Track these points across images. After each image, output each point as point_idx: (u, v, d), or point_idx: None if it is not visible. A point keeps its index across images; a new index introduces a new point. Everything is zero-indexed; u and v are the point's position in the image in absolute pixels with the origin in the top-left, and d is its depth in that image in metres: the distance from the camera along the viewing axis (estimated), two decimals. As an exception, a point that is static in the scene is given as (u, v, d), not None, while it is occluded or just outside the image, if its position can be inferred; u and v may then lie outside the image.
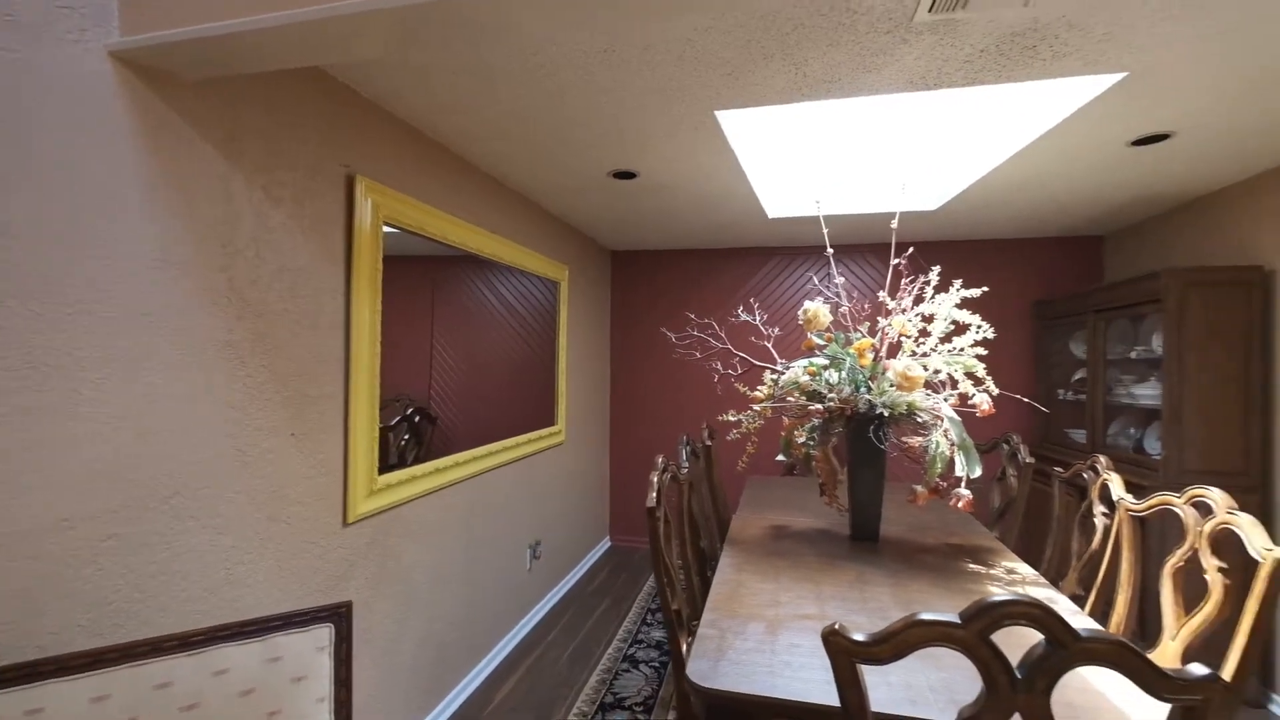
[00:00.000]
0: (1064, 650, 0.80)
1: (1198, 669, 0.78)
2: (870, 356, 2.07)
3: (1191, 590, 1.53)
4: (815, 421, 2.26)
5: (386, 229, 2.02)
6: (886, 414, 2.04)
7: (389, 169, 2.06)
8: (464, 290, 2.60)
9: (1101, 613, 1.83)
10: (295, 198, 1.65)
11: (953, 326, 2.17)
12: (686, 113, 1.99)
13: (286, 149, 1.62)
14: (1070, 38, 1.52)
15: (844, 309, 2.32)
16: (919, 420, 2.09)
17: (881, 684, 1.23)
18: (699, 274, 4.47)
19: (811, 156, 2.47)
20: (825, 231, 2.46)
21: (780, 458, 2.38)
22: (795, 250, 4.32)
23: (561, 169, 2.62)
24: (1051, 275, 3.96)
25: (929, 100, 1.91)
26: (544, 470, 3.40)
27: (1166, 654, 1.53)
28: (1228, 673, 1.34)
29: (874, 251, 4.21)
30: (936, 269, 2.22)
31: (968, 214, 3.35)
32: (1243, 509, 2.56)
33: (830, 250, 2.37)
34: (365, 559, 1.96)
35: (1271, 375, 2.53)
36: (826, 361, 2.18)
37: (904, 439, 2.09)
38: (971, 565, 1.96)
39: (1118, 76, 1.72)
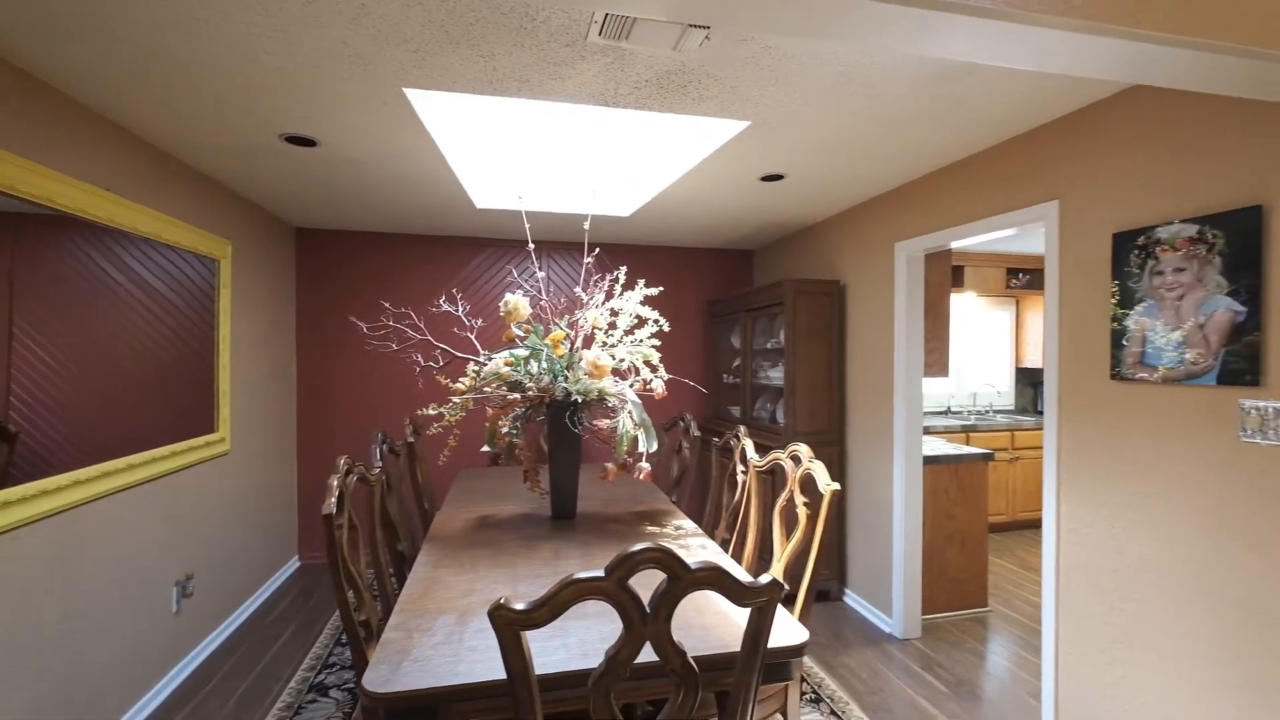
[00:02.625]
0: (679, 582, 0.98)
1: (764, 579, 1.04)
2: (565, 348, 2.21)
3: (791, 522, 2.02)
4: (518, 411, 2.33)
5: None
6: (580, 400, 2.22)
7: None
8: (71, 265, 1.97)
9: (740, 548, 2.29)
10: None
11: (636, 320, 2.46)
12: (372, 85, 1.84)
13: None
14: (710, 85, 1.85)
15: (544, 302, 2.45)
16: (608, 404, 2.32)
17: (561, 646, 1.33)
18: (407, 260, 4.19)
19: (519, 153, 2.53)
20: (528, 226, 2.56)
21: (486, 448, 2.39)
22: (506, 243, 4.37)
23: (218, 124, 2.17)
24: (720, 279, 4.80)
25: (619, 117, 2.13)
26: (199, 487, 2.80)
27: (776, 571, 2.00)
28: (807, 572, 1.83)
29: (580, 250, 4.52)
30: (623, 269, 2.48)
31: (655, 222, 3.84)
32: (828, 458, 3.49)
33: (531, 245, 2.47)
34: None
35: (845, 361, 3.51)
36: (527, 352, 2.27)
37: (595, 422, 2.31)
38: (650, 527, 2.27)
39: (744, 124, 2.16)
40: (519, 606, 0.92)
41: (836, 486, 1.81)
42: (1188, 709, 1.73)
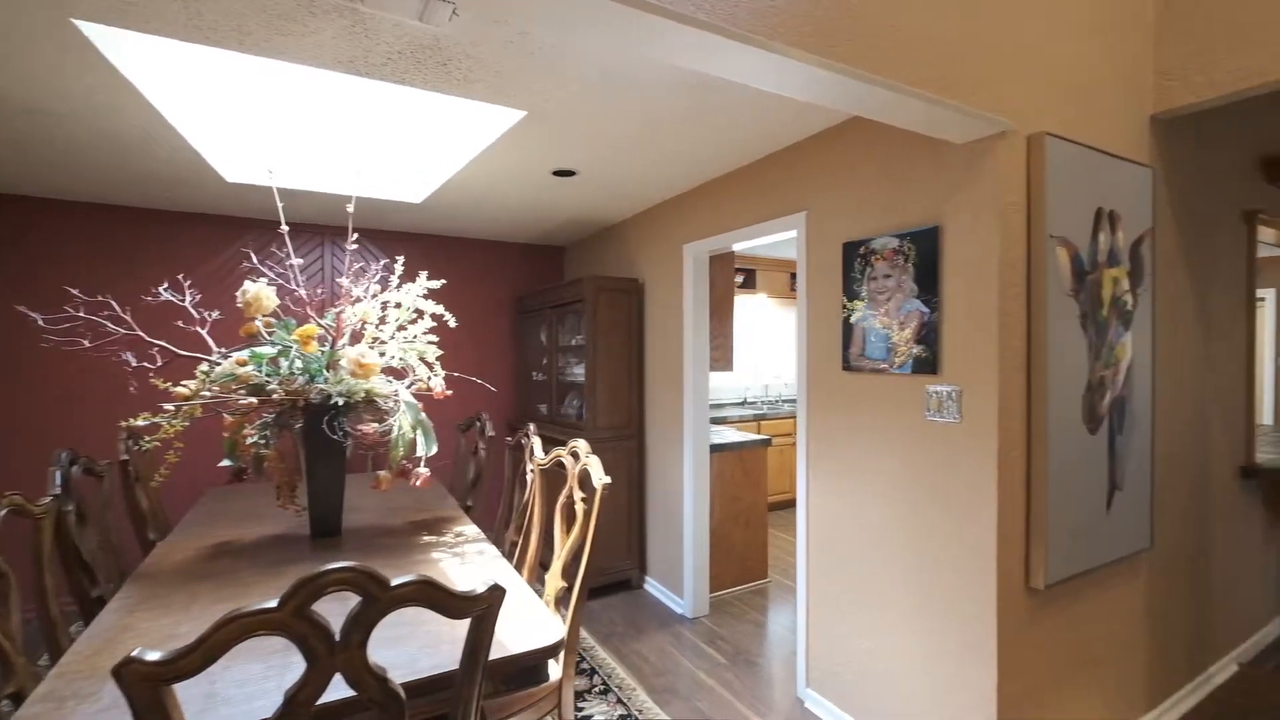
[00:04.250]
0: (377, 602, 0.88)
1: (481, 586, 0.98)
2: (317, 344, 1.97)
3: (572, 519, 2.02)
4: (267, 417, 2.03)
5: None
6: (344, 403, 1.99)
7: None
8: None
9: (525, 549, 2.24)
10: None
11: (416, 315, 2.28)
12: (29, 9, 1.45)
13: None
14: (474, 67, 1.76)
15: (301, 293, 2.16)
16: (381, 407, 2.12)
17: (275, 689, 1.15)
18: (143, 238, 3.47)
19: (281, 123, 2.19)
20: (280, 205, 2.23)
21: (226, 462, 2.05)
22: (264, 225, 3.83)
23: None
24: (531, 275, 4.71)
25: (395, 95, 1.94)
26: None
27: (554, 572, 1.97)
28: (581, 568, 1.83)
29: (382, 238, 4.13)
30: (400, 258, 2.28)
31: (452, 212, 3.63)
32: (628, 451, 3.59)
33: (285, 227, 2.16)
34: None
35: (644, 357, 3.64)
36: (274, 350, 1.98)
37: (360, 427, 2.09)
38: (426, 537, 2.11)
39: (521, 113, 2.10)
40: (153, 658, 0.76)
41: (608, 480, 1.84)
42: (889, 647, 2.05)
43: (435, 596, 0.93)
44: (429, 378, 2.17)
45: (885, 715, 2.09)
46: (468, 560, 1.87)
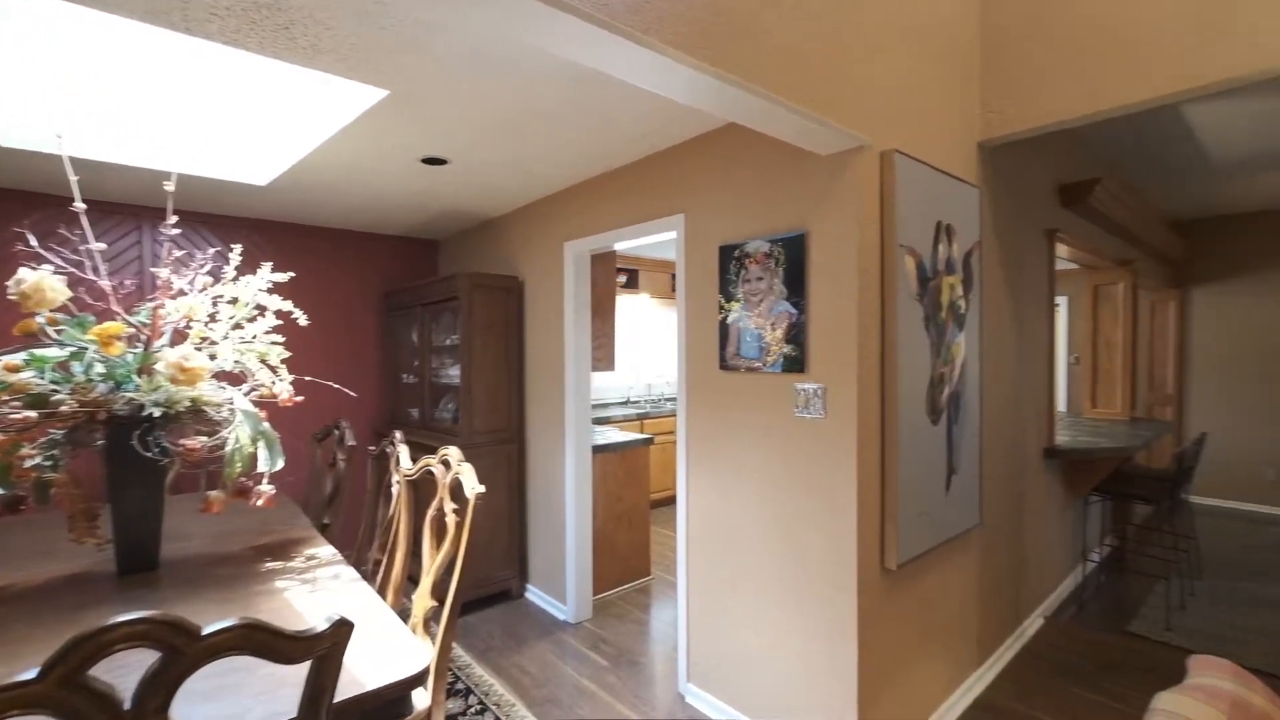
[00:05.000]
0: (183, 657, 0.74)
1: (323, 623, 0.86)
2: (123, 345, 1.66)
3: (443, 532, 1.87)
4: (55, 434, 1.68)
5: None
6: (160, 414, 1.70)
7: None
8: None
9: (390, 568, 2.05)
10: None
11: (258, 312, 2.00)
12: None
13: None
14: (323, 35, 1.57)
15: (103, 284, 1.81)
16: (212, 417, 1.83)
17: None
18: (-118, 216, 2.76)
19: (78, 82, 1.81)
20: (74, 178, 1.85)
21: (-4, 491, 1.67)
22: (58, 201, 3.23)
23: None
24: (401, 270, 4.39)
25: (236, 62, 1.67)
26: None
27: (423, 590, 1.82)
28: (452, 585, 1.70)
29: (225, 224, 3.62)
30: (238, 247, 1.99)
31: (308, 198, 3.27)
32: (508, 455, 3.45)
33: (80, 205, 1.80)
34: None
35: (524, 357, 3.52)
36: (63, 353, 1.64)
37: (184, 441, 1.79)
38: (270, 564, 1.86)
39: (382, 92, 1.92)
40: None
41: (481, 489, 1.73)
42: (765, 635, 2.14)
43: (263, 641, 0.79)
44: (273, 382, 1.92)
45: (762, 701, 2.17)
46: (320, 586, 1.67)
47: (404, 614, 1.83)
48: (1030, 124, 2.30)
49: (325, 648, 0.86)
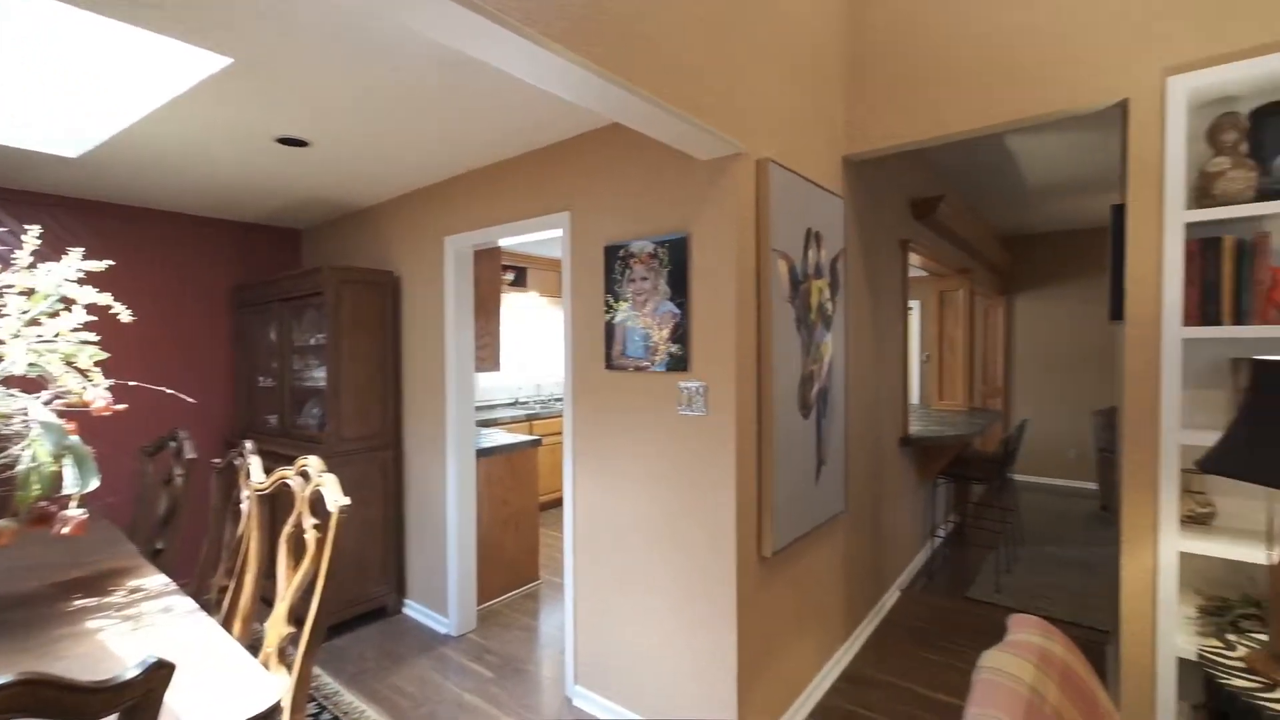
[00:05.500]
0: (-72, 731, 0.59)
1: (133, 669, 0.73)
2: None
3: (302, 551, 1.70)
4: None
5: None
6: (-79, 429, 1.39)
7: None
8: None
9: (238, 595, 1.83)
10: None
11: (64, 305, 1.70)
12: None
13: None
14: (145, -15, 1.36)
15: None
16: (-2, 430, 1.53)
17: None
18: None
19: None
20: None
21: None
22: None
23: None
24: (257, 261, 3.95)
25: (37, 9, 1.38)
26: None
27: (278, 615, 1.64)
28: (313, 608, 1.55)
29: (17, 200, 3.04)
30: (35, 228, 1.68)
31: (136, 175, 2.84)
32: (383, 463, 3.23)
33: None
34: None
35: (401, 358, 3.31)
36: None
37: (-44, 460, 1.48)
38: (80, 601, 1.59)
39: (226, 60, 1.71)
40: None
41: (346, 502, 1.59)
42: (652, 630, 2.17)
43: (49, 699, 0.66)
44: (84, 388, 1.64)
45: (649, 696, 2.20)
46: (145, 623, 1.45)
47: (256, 644, 1.64)
48: (886, 142, 2.52)
49: (135, 698, 0.74)
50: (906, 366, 3.69)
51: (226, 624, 1.79)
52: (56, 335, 1.61)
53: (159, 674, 0.75)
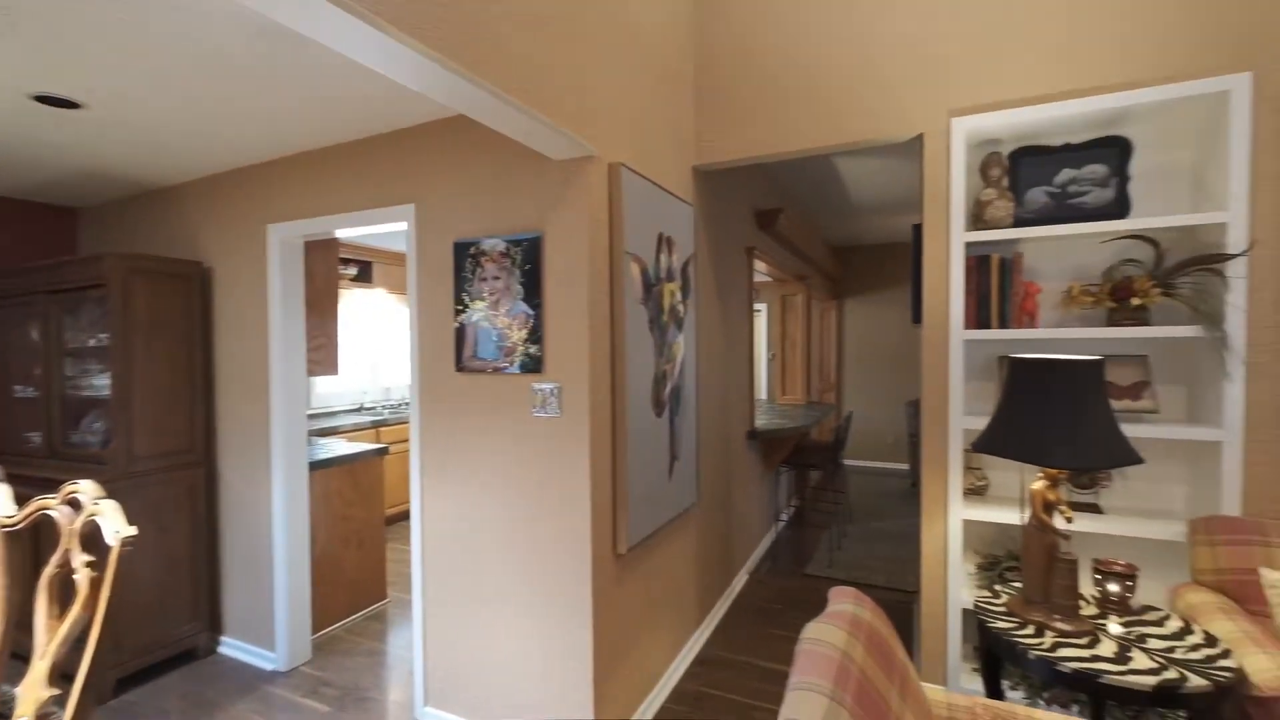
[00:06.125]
0: None
1: None
2: None
3: (69, 597, 1.41)
4: None
5: None
6: None
7: None
8: None
9: (-22, 661, 1.47)
10: None
11: None
12: None
13: None
14: None
15: None
16: None
17: None
18: None
19: None
20: None
21: None
22: None
23: None
24: (12, 244, 3.22)
25: None
26: None
27: (37, 676, 1.35)
28: (85, 662, 1.29)
29: None
30: None
31: None
32: (192, 482, 2.80)
33: None
34: None
35: (211, 362, 2.89)
36: None
37: None
38: None
39: (-52, -11, 1.36)
40: None
41: (131, 533, 1.34)
42: (508, 639, 2.11)
43: None
44: None
45: (505, 706, 2.13)
46: None
47: (6, 712, 1.33)
48: (730, 155, 2.69)
49: None
50: (754, 365, 3.97)
51: (-42, 697, 1.44)
52: None
53: None
